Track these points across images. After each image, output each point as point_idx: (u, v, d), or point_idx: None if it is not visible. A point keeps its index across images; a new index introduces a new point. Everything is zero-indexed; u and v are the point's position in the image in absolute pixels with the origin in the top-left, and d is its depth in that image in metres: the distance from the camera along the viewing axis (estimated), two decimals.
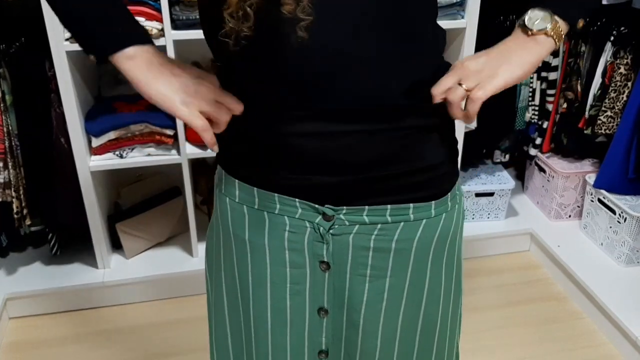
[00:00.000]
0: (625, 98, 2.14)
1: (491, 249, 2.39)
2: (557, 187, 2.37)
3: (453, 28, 1.96)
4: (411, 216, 0.88)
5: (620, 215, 2.13)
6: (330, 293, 0.93)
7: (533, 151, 2.40)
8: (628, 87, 2.13)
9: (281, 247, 0.90)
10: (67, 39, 1.75)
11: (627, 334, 1.89)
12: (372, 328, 0.94)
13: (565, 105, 2.28)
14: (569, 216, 2.43)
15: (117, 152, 1.94)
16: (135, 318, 2.05)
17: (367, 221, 0.88)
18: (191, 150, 1.97)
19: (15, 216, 1.91)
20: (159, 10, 1.76)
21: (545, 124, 2.32)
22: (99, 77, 2.16)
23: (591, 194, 2.29)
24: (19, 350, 1.93)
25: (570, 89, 2.26)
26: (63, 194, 1.96)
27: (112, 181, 2.23)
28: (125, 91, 2.08)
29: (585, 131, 2.23)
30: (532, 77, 2.26)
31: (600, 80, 2.16)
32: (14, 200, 1.89)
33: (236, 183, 0.91)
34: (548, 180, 2.42)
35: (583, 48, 2.21)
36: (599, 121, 2.17)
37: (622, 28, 2.09)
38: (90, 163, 1.93)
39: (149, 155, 1.97)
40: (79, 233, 2.16)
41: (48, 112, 1.88)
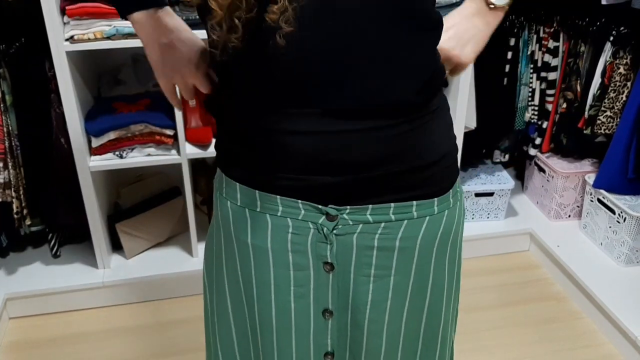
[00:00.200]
0: (624, 98, 2.14)
1: (491, 249, 2.39)
2: (557, 187, 2.37)
3: None
4: (414, 214, 0.89)
5: (619, 215, 2.13)
6: (334, 294, 0.92)
7: (533, 151, 2.40)
8: (627, 87, 2.13)
9: (284, 250, 0.90)
10: (67, 40, 1.74)
11: (627, 334, 1.90)
12: (377, 328, 0.94)
13: (564, 105, 2.28)
14: (569, 216, 2.43)
15: (117, 152, 1.94)
16: (135, 318, 2.05)
17: (371, 220, 0.88)
18: (191, 150, 1.97)
19: (15, 216, 1.91)
20: None
21: (544, 124, 2.32)
22: (99, 78, 2.16)
23: (591, 194, 2.29)
24: (19, 350, 1.93)
25: (569, 89, 2.26)
26: (63, 194, 1.96)
27: (112, 181, 2.23)
28: (125, 91, 2.08)
29: (584, 131, 2.23)
30: (532, 77, 2.26)
31: (599, 80, 2.16)
32: (14, 200, 1.89)
33: (237, 186, 0.90)
34: (548, 180, 2.42)
35: (582, 48, 2.21)
36: (599, 121, 2.18)
37: (622, 28, 2.09)
38: (90, 163, 1.93)
39: (149, 155, 1.97)
40: (79, 233, 2.16)
41: (48, 112, 1.88)
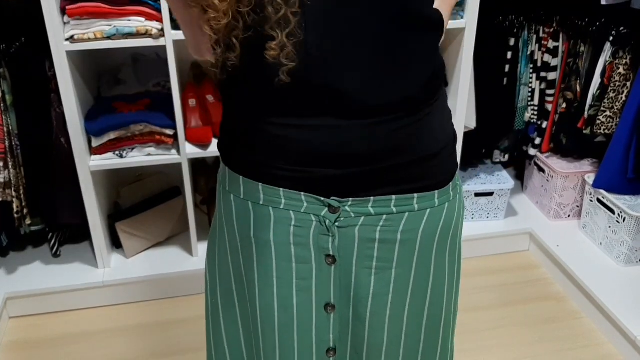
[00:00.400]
0: (624, 98, 2.14)
1: (490, 249, 2.40)
2: (557, 187, 2.37)
3: (452, 28, 1.97)
4: (415, 206, 0.89)
5: (619, 215, 2.14)
6: (336, 288, 0.93)
7: (532, 151, 2.40)
8: (627, 87, 2.13)
9: (287, 242, 0.91)
10: (67, 39, 1.74)
11: (626, 334, 1.90)
12: (379, 321, 0.95)
13: (564, 105, 2.28)
14: (568, 216, 2.44)
15: (117, 152, 1.94)
16: (135, 318, 2.06)
17: (373, 212, 0.88)
18: (191, 150, 1.98)
19: (15, 216, 1.91)
20: (159, 10, 1.77)
21: (544, 124, 2.32)
22: (99, 77, 2.16)
23: (590, 194, 2.29)
24: (19, 349, 1.93)
25: (569, 89, 2.26)
26: (63, 194, 1.96)
27: (112, 181, 2.23)
28: (125, 91, 2.08)
29: (584, 131, 2.23)
30: (532, 77, 2.26)
31: (599, 80, 2.16)
32: (14, 199, 1.89)
33: (240, 180, 0.91)
34: (547, 180, 2.42)
35: (582, 48, 2.21)
36: (598, 121, 2.18)
37: (622, 28, 2.09)
38: (90, 163, 1.93)
39: (149, 155, 1.97)
40: (79, 233, 2.17)
41: (48, 112, 1.88)
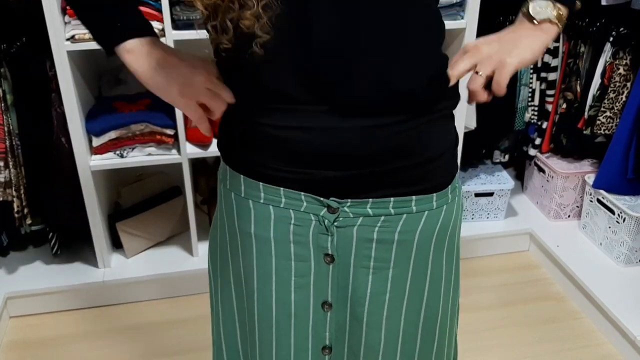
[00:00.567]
0: (624, 98, 2.14)
1: (490, 249, 2.40)
2: (557, 187, 2.37)
3: (453, 28, 1.97)
4: (413, 208, 0.90)
5: (619, 215, 2.14)
6: (334, 286, 0.94)
7: (532, 151, 2.40)
8: (627, 88, 2.13)
9: (286, 240, 0.91)
10: (68, 39, 1.75)
11: (626, 334, 1.90)
12: (376, 321, 0.95)
13: (564, 105, 2.28)
14: (568, 216, 2.44)
15: (118, 152, 1.94)
16: (135, 317, 2.06)
17: (371, 213, 0.89)
18: (191, 150, 1.98)
19: (15, 215, 1.91)
20: (160, 10, 1.77)
21: (544, 124, 2.33)
22: (100, 77, 2.17)
23: (590, 194, 2.29)
24: (19, 349, 1.93)
25: (569, 90, 2.26)
26: (64, 193, 1.96)
27: (113, 181, 2.23)
28: (125, 91, 2.09)
29: (584, 131, 2.23)
30: (532, 78, 2.26)
31: (599, 80, 2.16)
32: (15, 199, 1.89)
33: (241, 178, 0.92)
34: (547, 180, 2.42)
35: (582, 49, 2.21)
36: (598, 121, 2.18)
37: (622, 29, 2.09)
38: (90, 162, 1.93)
39: (150, 154, 1.97)
40: (80, 232, 2.16)
41: (49, 112, 1.88)
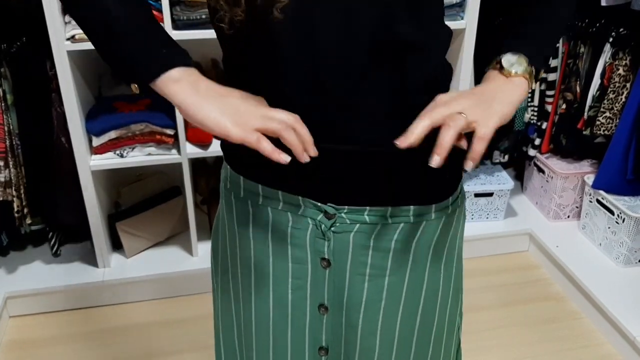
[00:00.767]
0: (624, 99, 2.14)
1: (490, 249, 2.40)
2: (556, 188, 2.37)
3: (453, 29, 1.96)
4: (411, 218, 0.89)
5: (618, 215, 2.14)
6: (330, 291, 0.93)
7: (532, 152, 2.40)
8: (627, 88, 2.13)
9: (284, 242, 0.91)
10: (68, 39, 1.75)
11: (625, 334, 1.90)
12: (371, 328, 0.94)
13: (564, 106, 2.28)
14: (568, 217, 2.44)
15: (118, 152, 1.94)
16: (135, 317, 2.06)
17: (368, 220, 0.88)
18: (191, 150, 1.98)
19: (15, 215, 1.91)
20: (160, 10, 1.77)
21: (544, 125, 2.33)
22: (100, 77, 2.17)
23: (590, 195, 2.29)
24: (19, 348, 1.94)
25: (569, 90, 2.26)
26: (63, 193, 1.96)
27: (113, 180, 2.24)
28: (125, 91, 2.09)
29: (584, 132, 2.24)
30: None
31: (599, 81, 2.16)
32: (15, 199, 1.89)
33: (241, 179, 0.92)
34: (547, 180, 2.42)
35: (582, 49, 2.21)
36: (598, 122, 2.18)
37: (621, 29, 2.10)
38: (90, 162, 1.93)
39: (150, 154, 1.97)
40: (79, 232, 2.17)
41: (49, 112, 1.88)
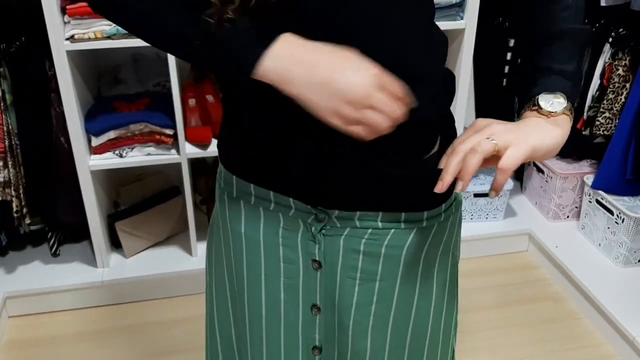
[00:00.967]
0: (623, 99, 2.14)
1: (489, 249, 2.40)
2: (556, 188, 2.37)
3: (452, 29, 1.97)
4: (402, 224, 0.88)
5: (618, 216, 2.14)
6: (322, 292, 0.93)
7: None
8: (626, 89, 2.13)
9: (275, 243, 0.91)
10: (68, 39, 1.74)
11: (625, 334, 1.90)
12: (362, 330, 0.94)
13: None
14: (567, 217, 2.44)
15: (117, 152, 1.94)
16: (134, 317, 2.06)
17: (358, 225, 0.88)
18: (191, 150, 1.98)
19: (15, 215, 1.91)
20: None
21: None
22: (99, 77, 2.17)
23: (589, 195, 2.29)
24: (18, 348, 1.93)
25: None
26: (63, 193, 1.96)
27: (112, 180, 2.23)
28: (125, 90, 2.08)
29: (583, 132, 2.24)
30: None
31: (598, 81, 2.16)
32: (14, 199, 1.89)
33: (233, 179, 0.92)
34: (546, 180, 2.42)
35: None
36: (597, 122, 2.18)
37: (621, 29, 2.10)
38: (90, 162, 1.93)
39: (149, 154, 1.97)
40: (79, 232, 2.17)
41: (48, 111, 1.88)
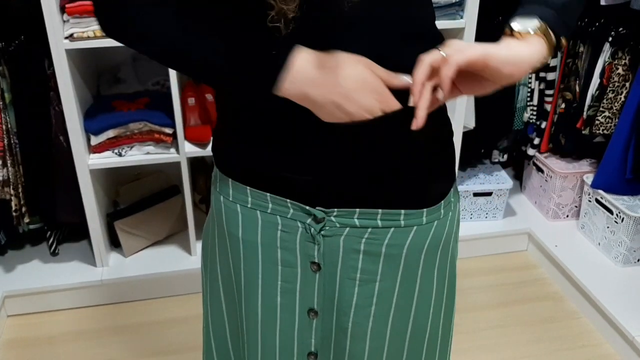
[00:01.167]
0: (623, 99, 2.14)
1: (489, 249, 2.40)
2: (555, 187, 2.37)
3: (452, 28, 1.97)
4: (402, 222, 0.88)
5: (617, 215, 2.14)
6: (320, 295, 0.93)
7: (531, 151, 2.40)
8: (626, 88, 2.13)
9: (273, 246, 0.91)
10: (67, 38, 1.74)
11: (624, 334, 1.90)
12: (361, 332, 0.93)
13: (563, 105, 2.28)
14: (567, 216, 2.44)
15: (116, 151, 1.94)
16: (133, 316, 2.06)
17: (358, 224, 0.87)
18: (190, 149, 1.98)
19: (14, 214, 1.91)
20: None
21: (543, 124, 2.33)
22: (99, 76, 2.16)
23: (589, 194, 2.29)
24: (17, 347, 1.93)
25: (568, 90, 2.26)
26: (62, 192, 1.96)
27: (111, 179, 2.23)
28: (124, 90, 2.08)
29: (583, 131, 2.24)
30: (531, 78, 2.26)
31: (598, 80, 2.16)
32: (13, 198, 1.89)
33: (230, 182, 0.91)
34: (546, 180, 2.42)
35: (581, 49, 2.21)
36: (597, 121, 2.18)
37: (621, 29, 2.10)
38: (89, 161, 1.93)
39: (148, 153, 1.97)
40: (78, 231, 2.17)
41: (47, 110, 1.88)
